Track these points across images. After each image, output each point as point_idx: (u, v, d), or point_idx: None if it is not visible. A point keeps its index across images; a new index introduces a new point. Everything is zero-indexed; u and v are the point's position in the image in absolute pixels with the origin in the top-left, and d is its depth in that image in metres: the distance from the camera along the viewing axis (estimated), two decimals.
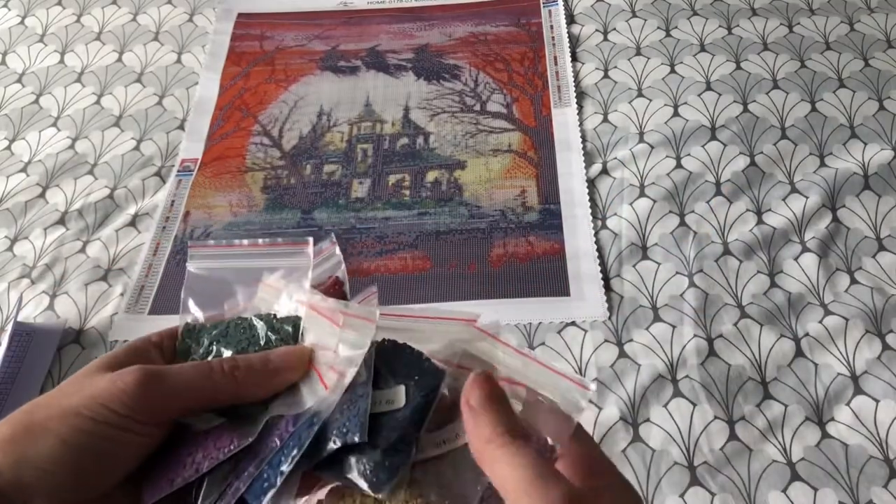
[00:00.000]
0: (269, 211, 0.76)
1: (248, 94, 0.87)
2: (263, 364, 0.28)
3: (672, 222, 0.71)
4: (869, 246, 0.68)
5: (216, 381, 0.27)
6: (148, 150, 0.81)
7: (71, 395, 0.26)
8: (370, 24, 0.94)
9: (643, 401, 0.59)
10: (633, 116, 0.80)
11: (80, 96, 0.87)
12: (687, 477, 0.56)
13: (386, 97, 0.86)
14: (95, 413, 0.25)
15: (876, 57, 0.83)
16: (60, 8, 0.98)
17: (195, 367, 0.28)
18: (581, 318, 0.65)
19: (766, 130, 0.77)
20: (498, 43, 0.90)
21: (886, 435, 0.57)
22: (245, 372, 0.28)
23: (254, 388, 0.28)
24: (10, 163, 0.81)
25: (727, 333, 0.63)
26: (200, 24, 0.95)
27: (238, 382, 0.27)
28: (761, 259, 0.67)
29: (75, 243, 0.73)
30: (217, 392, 0.27)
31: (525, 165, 0.77)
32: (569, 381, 0.26)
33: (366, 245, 0.72)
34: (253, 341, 0.30)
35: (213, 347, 0.30)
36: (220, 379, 0.27)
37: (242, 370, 0.28)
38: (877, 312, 0.63)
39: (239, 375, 0.28)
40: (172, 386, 0.27)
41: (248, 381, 0.28)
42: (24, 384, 0.63)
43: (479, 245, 0.71)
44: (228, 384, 0.27)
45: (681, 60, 0.84)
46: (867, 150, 0.74)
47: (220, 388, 0.27)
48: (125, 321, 0.67)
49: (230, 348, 0.30)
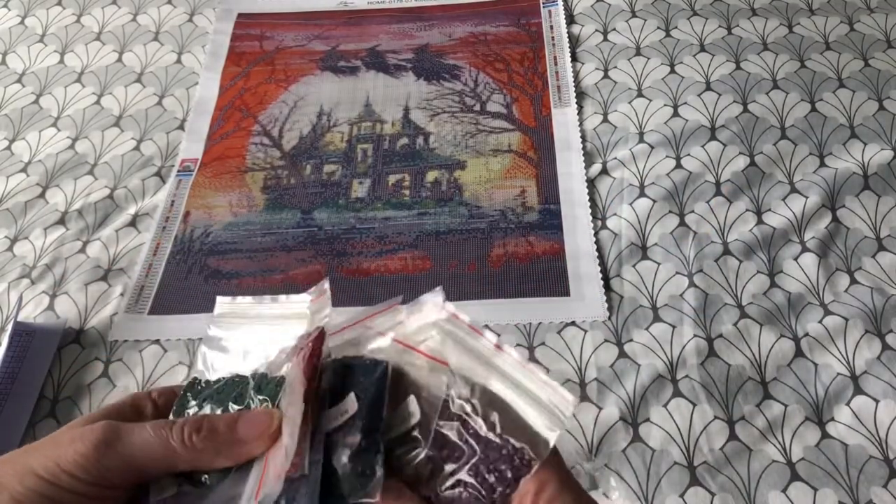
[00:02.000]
0: (269, 211, 0.76)
1: (248, 94, 0.87)
2: (228, 428, 0.26)
3: (672, 222, 0.71)
4: (869, 246, 0.68)
5: (174, 446, 0.25)
6: (148, 150, 0.81)
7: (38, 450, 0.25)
8: (370, 24, 0.94)
9: (643, 401, 0.59)
10: (633, 116, 0.80)
11: (80, 96, 0.87)
12: (687, 477, 0.56)
13: (386, 97, 0.86)
14: (51, 475, 0.25)
15: (876, 57, 0.83)
16: (60, 8, 0.98)
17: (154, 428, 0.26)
18: (581, 318, 0.65)
19: (766, 130, 0.77)
20: (498, 43, 0.90)
21: (886, 435, 0.57)
22: (205, 437, 0.26)
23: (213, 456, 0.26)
24: (10, 163, 0.81)
25: (727, 333, 0.63)
26: (200, 24, 0.95)
27: (196, 449, 0.25)
28: (761, 259, 0.67)
29: (75, 243, 0.73)
30: (175, 457, 0.25)
31: (525, 165, 0.77)
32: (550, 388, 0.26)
33: (366, 245, 0.72)
34: (239, 400, 0.28)
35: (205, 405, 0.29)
36: (178, 445, 0.25)
37: (203, 436, 0.26)
38: (877, 312, 0.63)
39: (197, 441, 0.26)
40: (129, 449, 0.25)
41: (207, 448, 0.26)
42: (24, 384, 0.63)
43: (479, 245, 0.71)
44: (186, 451, 0.25)
45: (681, 60, 0.85)
46: (867, 150, 0.74)
47: (179, 455, 0.25)
48: (125, 321, 0.67)
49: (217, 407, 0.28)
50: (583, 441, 0.57)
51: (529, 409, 0.26)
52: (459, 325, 0.28)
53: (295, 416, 0.25)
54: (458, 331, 0.28)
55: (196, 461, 0.26)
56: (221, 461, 0.26)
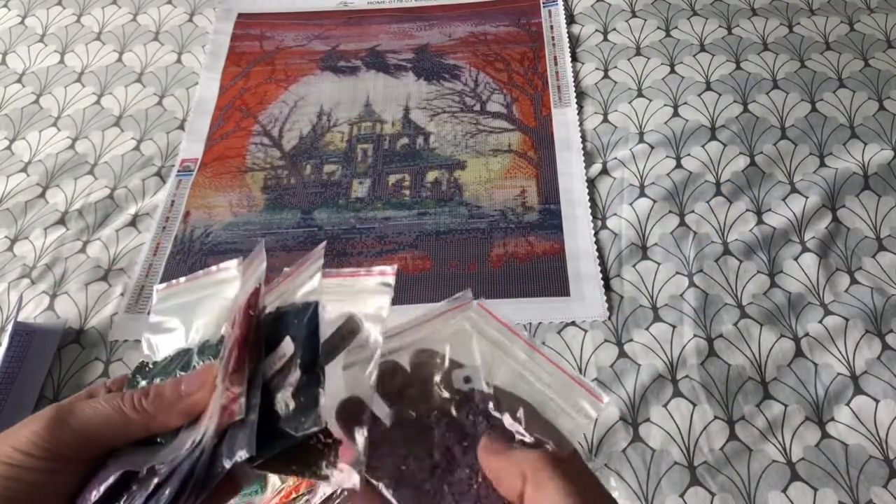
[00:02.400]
0: (270, 211, 0.76)
1: (248, 94, 0.87)
2: (174, 389, 0.27)
3: (672, 222, 0.71)
4: (869, 246, 0.68)
5: (126, 413, 0.27)
6: (148, 150, 0.81)
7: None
8: (370, 24, 0.94)
9: (643, 401, 0.59)
10: (633, 116, 0.80)
11: (80, 96, 0.87)
12: (687, 477, 0.56)
13: (386, 97, 0.86)
14: (10, 458, 0.25)
15: (876, 57, 0.83)
16: (60, 8, 0.98)
17: (106, 400, 0.27)
18: (581, 318, 0.65)
19: (766, 130, 0.77)
20: (498, 43, 0.90)
21: (886, 435, 0.57)
22: (153, 400, 0.27)
23: (164, 416, 0.27)
24: (10, 163, 0.81)
25: (727, 333, 0.63)
26: (200, 24, 0.95)
27: (147, 412, 0.27)
28: (761, 259, 0.67)
29: (75, 243, 0.73)
30: (128, 424, 0.27)
31: (525, 165, 0.77)
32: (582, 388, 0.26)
33: (366, 245, 0.72)
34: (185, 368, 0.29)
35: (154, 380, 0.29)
36: (129, 411, 0.27)
37: (151, 399, 0.27)
38: (877, 312, 0.63)
39: (147, 405, 0.27)
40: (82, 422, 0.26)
41: (158, 410, 0.27)
42: (24, 384, 0.63)
43: (479, 245, 0.71)
44: (138, 415, 0.27)
45: (681, 60, 0.84)
46: (867, 150, 0.74)
47: (131, 420, 0.27)
48: (125, 321, 0.67)
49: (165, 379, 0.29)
50: (583, 441, 0.57)
51: (557, 408, 0.26)
52: (489, 319, 0.28)
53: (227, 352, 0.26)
54: (488, 326, 0.28)
55: (148, 424, 0.27)
56: (172, 420, 0.27)
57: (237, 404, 0.25)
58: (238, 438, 0.25)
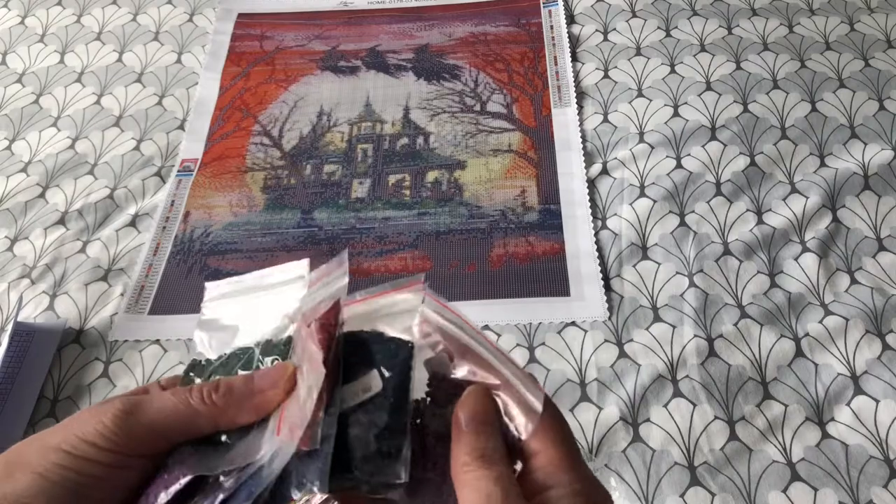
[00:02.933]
0: (270, 211, 0.76)
1: (248, 94, 0.87)
2: (245, 384, 0.27)
3: (672, 222, 0.71)
4: (869, 246, 0.68)
5: (194, 406, 0.26)
6: (148, 151, 0.81)
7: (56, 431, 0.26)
8: (370, 24, 0.94)
9: (643, 401, 0.59)
10: (633, 116, 0.80)
11: (80, 96, 0.87)
12: (687, 477, 0.56)
13: (386, 97, 0.86)
14: (74, 447, 0.25)
15: (876, 57, 0.83)
16: (60, 8, 0.98)
17: (174, 394, 0.26)
18: (581, 318, 0.65)
19: (766, 130, 0.77)
20: (498, 43, 0.90)
21: (886, 435, 0.57)
22: (224, 394, 0.26)
23: (234, 411, 0.26)
24: (10, 163, 0.81)
25: (727, 333, 0.63)
26: (200, 24, 0.95)
27: (217, 406, 0.26)
28: (761, 259, 0.67)
29: (75, 243, 0.73)
30: (196, 418, 0.26)
31: (525, 165, 0.77)
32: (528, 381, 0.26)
33: (366, 245, 0.72)
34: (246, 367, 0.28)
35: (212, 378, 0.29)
36: (197, 404, 0.26)
37: (222, 393, 0.26)
38: (877, 312, 0.63)
39: (217, 399, 0.26)
40: (150, 415, 0.26)
41: (228, 404, 0.26)
42: (24, 384, 0.63)
43: (479, 245, 0.71)
44: (207, 409, 0.26)
45: (681, 60, 0.84)
46: (867, 150, 0.74)
47: (200, 414, 0.26)
48: (125, 321, 0.67)
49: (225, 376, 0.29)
50: (583, 441, 0.57)
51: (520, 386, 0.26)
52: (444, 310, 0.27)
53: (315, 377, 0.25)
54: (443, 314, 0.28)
55: (217, 419, 0.26)
56: (242, 416, 0.26)
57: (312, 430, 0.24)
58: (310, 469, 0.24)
